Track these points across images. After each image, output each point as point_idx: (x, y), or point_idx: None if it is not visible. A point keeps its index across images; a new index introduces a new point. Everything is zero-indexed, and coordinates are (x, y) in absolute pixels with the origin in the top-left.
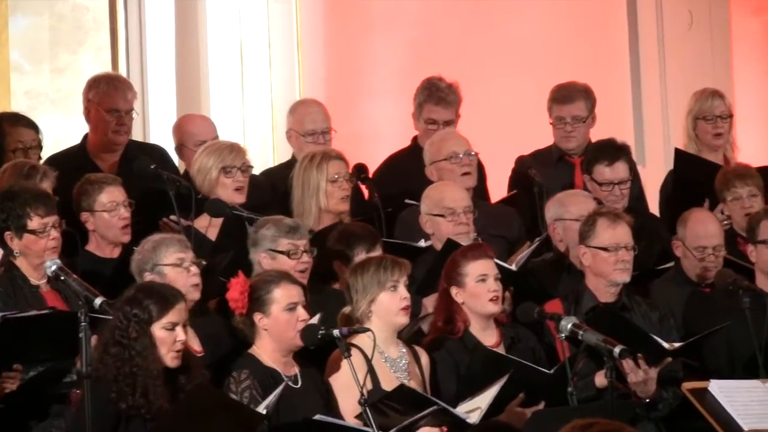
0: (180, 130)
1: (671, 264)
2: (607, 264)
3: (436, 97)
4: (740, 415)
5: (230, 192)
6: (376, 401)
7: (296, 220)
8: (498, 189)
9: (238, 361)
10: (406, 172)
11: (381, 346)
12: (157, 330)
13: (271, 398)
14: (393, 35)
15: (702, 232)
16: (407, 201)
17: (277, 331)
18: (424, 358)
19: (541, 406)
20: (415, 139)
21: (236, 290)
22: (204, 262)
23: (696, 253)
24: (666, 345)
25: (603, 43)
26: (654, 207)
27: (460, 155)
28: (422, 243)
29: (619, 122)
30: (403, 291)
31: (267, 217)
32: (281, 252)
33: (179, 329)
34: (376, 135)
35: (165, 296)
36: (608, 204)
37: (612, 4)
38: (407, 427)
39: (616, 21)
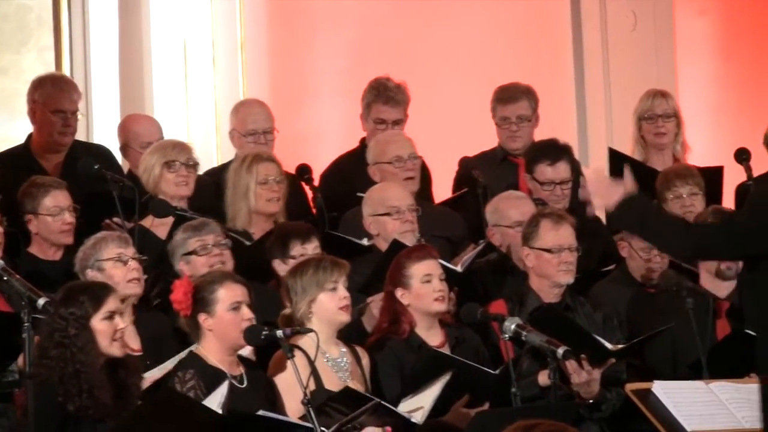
0: (125, 130)
1: (613, 266)
2: (551, 265)
3: (385, 96)
4: (684, 417)
5: (173, 186)
6: (322, 403)
7: (204, 219)
8: (443, 190)
9: (183, 361)
10: (353, 173)
11: (322, 347)
12: (97, 323)
13: (220, 397)
14: (337, 36)
15: None
16: (359, 194)
17: (222, 330)
18: (365, 359)
19: (486, 406)
20: (363, 140)
21: (180, 292)
22: (145, 258)
23: (642, 254)
24: (609, 346)
25: (547, 44)
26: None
27: (405, 158)
28: (365, 241)
29: (563, 123)
30: (342, 291)
31: (179, 227)
32: (191, 253)
33: (117, 318)
34: (320, 135)
35: (95, 290)
36: (550, 204)
37: (556, 6)
38: (347, 423)
39: (560, 22)
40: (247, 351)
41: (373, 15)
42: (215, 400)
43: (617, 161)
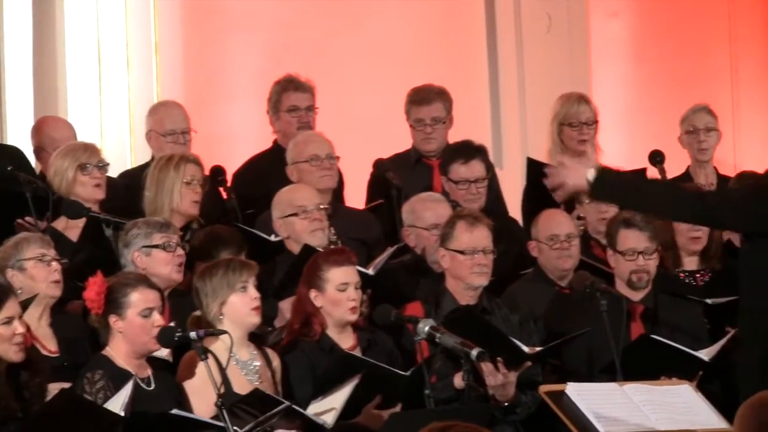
0: (39, 132)
1: (530, 270)
2: (465, 267)
3: (294, 84)
4: (597, 419)
5: (90, 189)
6: (231, 404)
7: (166, 218)
8: (356, 192)
9: (92, 362)
10: (267, 173)
11: (233, 349)
12: None
13: (123, 399)
14: (251, 37)
15: (552, 222)
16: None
17: (132, 334)
18: (276, 361)
19: (398, 408)
20: (275, 141)
21: (93, 290)
22: (65, 261)
23: (549, 243)
24: (526, 348)
25: (461, 46)
26: (513, 210)
27: (322, 158)
28: (272, 237)
29: (477, 125)
30: (252, 291)
31: (135, 220)
32: (156, 246)
33: (16, 323)
34: (234, 136)
35: None
36: (465, 203)
37: (470, 7)
38: (257, 426)
39: (475, 24)
40: (164, 352)
41: (287, 16)
42: (118, 402)
43: (534, 169)
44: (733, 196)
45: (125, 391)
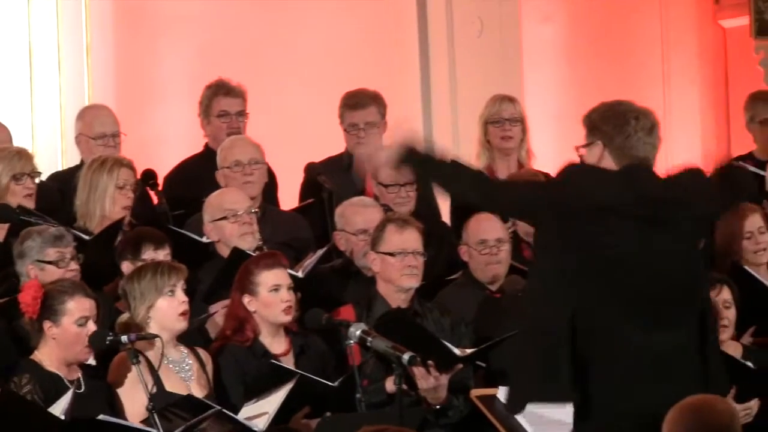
0: None
1: (460, 274)
2: (395, 269)
3: (225, 89)
4: (529, 422)
5: (21, 199)
6: (162, 408)
7: (61, 229)
8: (290, 196)
9: (19, 366)
10: (197, 177)
11: (163, 351)
12: None
13: (64, 404)
14: (183, 41)
15: (482, 227)
16: (204, 200)
17: (65, 342)
18: (209, 363)
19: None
20: (206, 145)
21: (29, 295)
22: None
23: (478, 248)
24: (457, 351)
25: (393, 50)
26: (447, 213)
27: (244, 163)
28: (204, 239)
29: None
30: (181, 295)
31: (30, 228)
32: (49, 262)
33: None
34: (166, 139)
35: None
36: (395, 207)
37: (402, 11)
38: (187, 430)
39: (407, 28)
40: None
41: (220, 19)
42: (59, 407)
43: None
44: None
45: (66, 397)
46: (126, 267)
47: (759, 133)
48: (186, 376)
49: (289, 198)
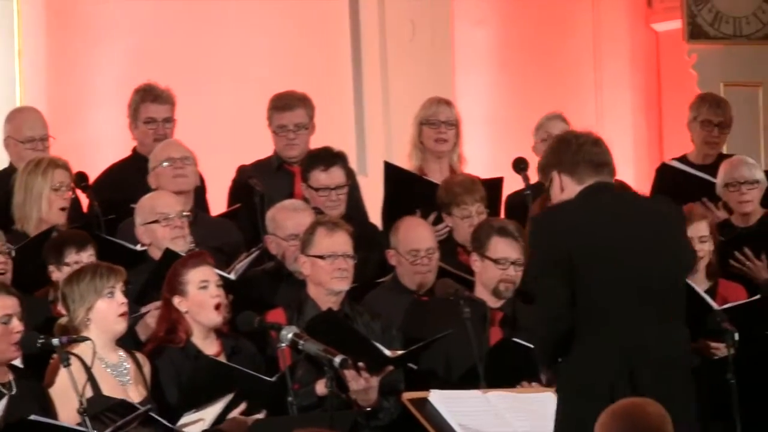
0: None
1: (388, 278)
2: (325, 272)
3: (153, 95)
4: (460, 425)
5: None
6: (97, 412)
7: None
8: (219, 199)
9: None
10: (125, 182)
11: (101, 353)
12: None
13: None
14: (115, 44)
15: (413, 236)
16: (132, 206)
17: None
18: (147, 365)
19: (263, 414)
20: (134, 149)
21: None
22: None
23: (409, 257)
24: (388, 353)
25: (326, 52)
26: (376, 217)
27: (176, 158)
28: (138, 247)
29: (341, 132)
30: (120, 297)
31: None
32: None
33: None
34: (98, 143)
35: None
36: (325, 210)
37: (335, 14)
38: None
39: (339, 30)
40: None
41: (152, 23)
42: None
43: (393, 174)
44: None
45: (1, 404)
46: (51, 271)
47: (697, 134)
48: (124, 380)
49: (218, 202)
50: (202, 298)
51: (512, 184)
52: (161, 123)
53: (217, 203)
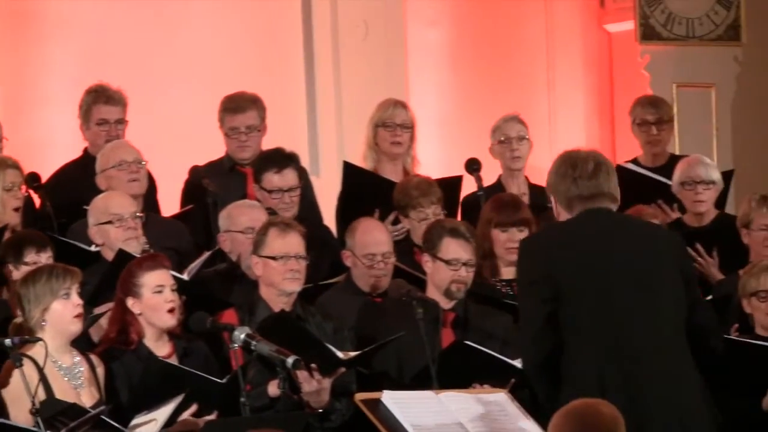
0: None
1: (341, 278)
2: (277, 273)
3: (105, 96)
4: (414, 426)
5: None
6: (50, 416)
7: None
8: (171, 200)
9: None
10: (77, 182)
11: (55, 355)
12: None
13: None
14: (66, 44)
15: (370, 240)
16: (85, 207)
17: None
18: (100, 367)
19: (214, 415)
20: (85, 150)
21: None
22: None
23: (365, 261)
24: (340, 354)
25: (278, 52)
26: (329, 218)
27: (129, 162)
28: (92, 247)
29: (294, 133)
30: (75, 298)
31: None
32: None
33: None
34: (50, 143)
35: None
36: (279, 212)
37: (287, 14)
38: None
39: (292, 30)
40: None
41: (104, 23)
42: None
43: (352, 173)
44: None
45: None
46: (8, 271)
47: (639, 136)
48: (77, 382)
49: (169, 203)
50: (156, 301)
51: (466, 184)
52: (113, 124)
53: (168, 204)
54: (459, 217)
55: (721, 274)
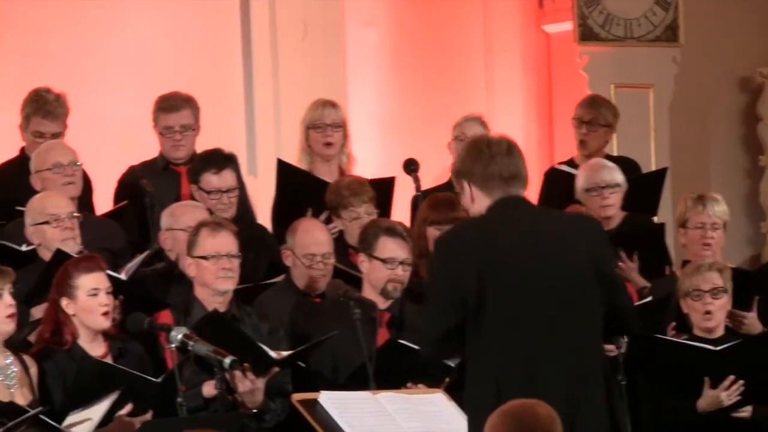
0: None
1: (281, 278)
2: (209, 273)
3: (44, 110)
4: (351, 427)
5: None
6: None
7: None
8: (107, 201)
9: None
10: (13, 183)
11: None
12: None
13: None
14: (2, 43)
15: (311, 240)
16: (18, 208)
17: None
18: (34, 368)
19: (149, 415)
20: (22, 149)
21: None
22: None
23: (305, 261)
24: (274, 354)
25: (216, 52)
26: (266, 218)
27: (65, 165)
28: (23, 247)
29: (232, 133)
30: (8, 298)
31: None
32: None
33: None
34: None
35: None
36: (217, 213)
37: (225, 14)
38: None
39: (230, 30)
40: None
41: (40, 23)
42: None
43: (286, 172)
44: None
45: None
46: None
47: (576, 134)
48: (10, 383)
49: (104, 203)
50: (90, 304)
51: (405, 184)
52: (49, 137)
53: (103, 204)
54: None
55: (641, 278)
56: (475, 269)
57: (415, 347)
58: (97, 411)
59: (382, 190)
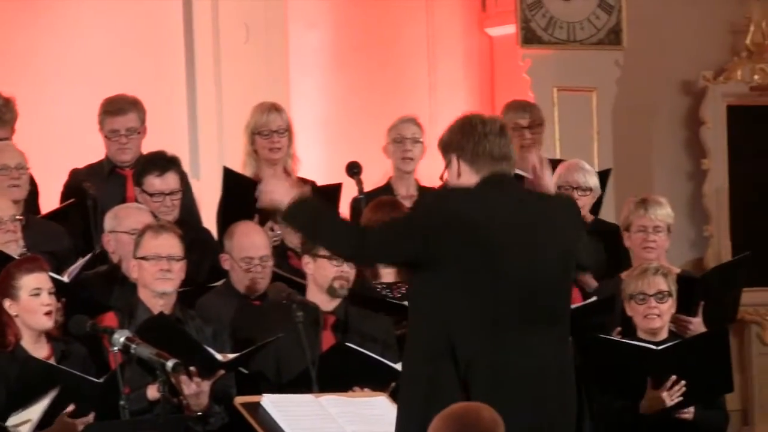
0: None
1: (221, 282)
2: (149, 274)
3: None
4: (293, 429)
5: None
6: None
7: None
8: (52, 203)
9: None
10: None
11: None
12: None
13: None
14: None
15: (248, 243)
16: None
17: None
18: None
19: (91, 417)
20: None
21: None
22: None
23: (243, 264)
24: (219, 357)
25: (158, 55)
26: (209, 221)
27: (11, 167)
28: None
29: (175, 136)
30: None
31: None
32: None
33: None
34: None
35: None
36: (160, 215)
37: (168, 16)
38: None
39: (172, 33)
40: None
41: None
42: None
43: (231, 179)
44: (386, 231)
45: None
46: None
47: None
48: None
49: (50, 206)
50: (33, 304)
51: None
52: None
53: (49, 207)
54: None
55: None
56: (455, 234)
57: (362, 350)
58: (36, 410)
59: (329, 196)
